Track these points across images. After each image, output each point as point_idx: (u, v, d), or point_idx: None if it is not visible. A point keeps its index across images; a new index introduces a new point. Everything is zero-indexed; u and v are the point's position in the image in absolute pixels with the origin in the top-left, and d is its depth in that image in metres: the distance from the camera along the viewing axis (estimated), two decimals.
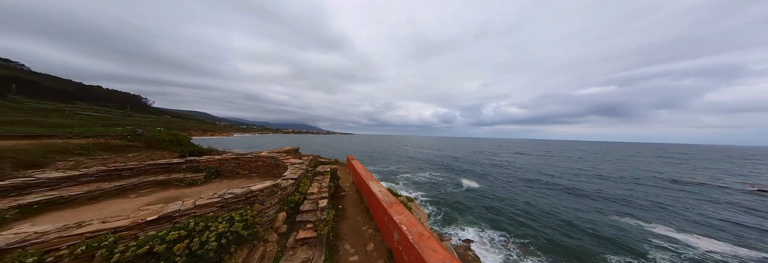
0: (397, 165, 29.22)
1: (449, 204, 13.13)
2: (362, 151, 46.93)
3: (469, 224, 10.32)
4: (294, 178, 3.96)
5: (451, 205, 12.99)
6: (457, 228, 9.76)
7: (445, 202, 13.54)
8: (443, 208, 12.57)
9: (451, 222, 10.54)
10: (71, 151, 6.05)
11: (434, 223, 10.49)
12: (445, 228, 9.84)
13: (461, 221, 10.62)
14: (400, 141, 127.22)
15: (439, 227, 9.95)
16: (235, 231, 2.29)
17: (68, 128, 9.73)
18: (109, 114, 55.75)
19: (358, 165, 8.08)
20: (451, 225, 10.09)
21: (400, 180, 20.50)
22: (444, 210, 12.25)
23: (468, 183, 19.11)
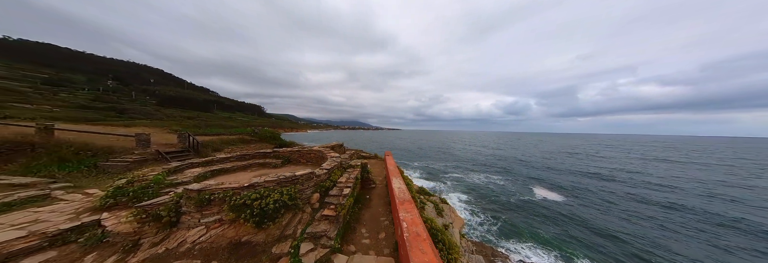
0: (444, 164, 27.43)
1: (510, 216, 11.13)
2: (403, 148, 47.26)
3: (539, 244, 8.27)
4: (328, 169, 5.01)
5: (512, 217, 10.97)
6: (518, 244, 8.14)
7: (503, 211, 11.58)
8: (501, 217, 10.78)
9: (510, 235, 8.92)
10: (230, 143, 10.78)
11: (487, 233, 9.22)
12: (502, 241, 8.45)
13: (525, 236, 8.69)
14: (450, 137, 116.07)
15: (495, 238, 8.66)
16: (284, 201, 3.41)
17: (232, 129, 17.26)
18: (247, 118, 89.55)
19: (390, 161, 8.53)
20: (509, 240, 8.55)
21: (447, 180, 19.17)
22: (502, 220, 10.59)
23: (543, 193, 15.22)
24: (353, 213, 4.66)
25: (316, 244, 2.99)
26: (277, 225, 3.32)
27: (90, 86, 60.84)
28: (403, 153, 36.08)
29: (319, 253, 2.83)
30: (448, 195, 13.77)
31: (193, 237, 2.93)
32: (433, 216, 6.46)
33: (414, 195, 6.59)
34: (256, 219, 3.12)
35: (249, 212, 3.12)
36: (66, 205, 3.51)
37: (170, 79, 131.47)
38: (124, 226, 2.97)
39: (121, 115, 31.48)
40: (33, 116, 16.21)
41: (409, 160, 29.87)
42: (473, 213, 11.46)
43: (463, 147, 49.42)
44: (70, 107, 31.94)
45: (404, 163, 27.38)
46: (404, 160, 29.94)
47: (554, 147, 49.67)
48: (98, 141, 7.06)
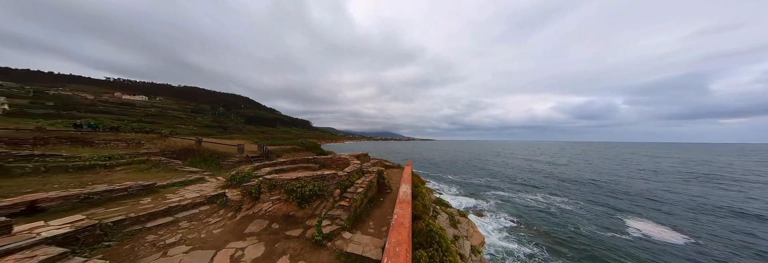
0: (485, 179, 24.63)
1: (580, 254, 8.27)
2: (433, 160, 44.71)
3: None
4: (348, 172, 6.50)
5: (583, 256, 8.13)
6: None
7: (566, 245, 8.71)
8: (565, 253, 8.19)
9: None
10: (286, 151, 14.37)
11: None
12: None
13: None
14: (493, 148, 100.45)
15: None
16: (315, 191, 5.00)
17: (288, 140, 22.64)
18: (299, 132, 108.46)
19: (407, 171, 9.38)
20: None
21: (490, 198, 16.59)
22: (567, 258, 8.07)
23: (642, 227, 10.56)
24: (366, 209, 5.81)
25: (332, 222, 4.30)
26: (310, 206, 4.89)
27: (211, 112, 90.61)
28: (433, 166, 34.47)
29: (333, 228, 4.10)
30: (490, 216, 12.18)
31: (265, 207, 4.81)
32: (443, 225, 6.68)
33: (426, 203, 7.13)
34: (298, 201, 4.78)
35: (294, 195, 4.84)
36: (210, 184, 6.31)
37: (252, 104, 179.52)
38: (235, 197, 5.22)
39: (225, 131, 45.37)
40: (186, 132, 26.31)
41: (442, 173, 28.26)
42: (520, 242, 9.32)
43: (509, 161, 42.43)
44: (201, 126, 49.11)
45: (437, 176, 26.08)
46: (436, 173, 28.54)
47: (667, 164, 34.78)
48: (219, 149, 11.35)
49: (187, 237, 3.63)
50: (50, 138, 8.83)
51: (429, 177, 24.86)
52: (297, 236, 3.94)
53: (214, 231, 3.93)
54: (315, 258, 3.34)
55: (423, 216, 5.97)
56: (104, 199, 4.38)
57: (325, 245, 3.68)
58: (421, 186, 8.89)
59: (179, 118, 61.98)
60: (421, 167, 33.15)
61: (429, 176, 26.12)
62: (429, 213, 6.95)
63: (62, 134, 9.43)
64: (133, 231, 3.58)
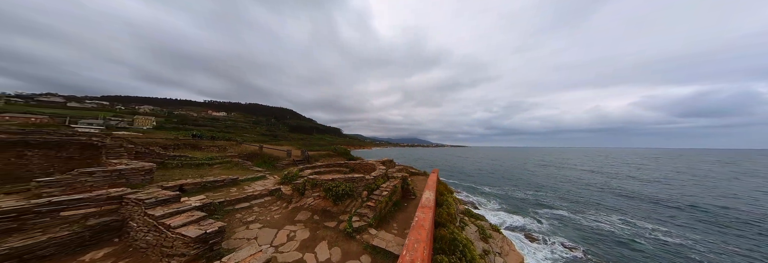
0: (533, 193, 21.21)
1: None
2: (463, 168, 40.68)
3: None
4: (374, 176, 7.18)
5: None
6: None
7: None
8: None
9: None
10: (322, 156, 16.53)
11: None
12: None
13: None
14: (542, 155, 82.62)
15: None
16: (346, 191, 5.84)
17: (324, 146, 25.80)
18: (332, 139, 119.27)
19: (432, 178, 9.42)
20: None
21: (542, 217, 13.71)
22: None
23: None
24: (390, 212, 6.26)
25: (360, 219, 4.95)
26: (343, 204, 5.71)
27: (265, 123, 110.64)
28: (465, 176, 31.53)
29: (361, 223, 4.73)
30: (542, 240, 10.36)
31: (309, 202, 5.91)
32: (471, 238, 6.37)
33: (451, 212, 7.02)
34: (333, 198, 5.69)
35: (330, 193, 5.78)
36: (270, 181, 8.10)
37: (295, 115, 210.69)
38: (287, 192, 6.60)
39: (275, 138, 54.59)
40: (250, 140, 33.28)
41: (476, 184, 25.55)
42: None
43: (567, 172, 34.55)
44: (259, 135, 60.87)
45: (471, 187, 23.64)
46: (469, 183, 25.93)
47: None
48: (274, 153, 14.13)
49: (259, 218, 4.94)
50: (180, 144, 13.16)
51: (460, 188, 22.96)
52: (332, 227, 4.74)
53: (275, 216, 5.16)
54: (347, 246, 4.00)
55: (447, 224, 5.94)
56: (211, 187, 6.39)
57: (355, 237, 4.31)
58: (448, 195, 8.66)
59: (245, 129, 79.19)
60: (450, 176, 30.91)
61: (460, 186, 24.10)
62: (455, 223, 6.75)
63: (186, 142, 13.92)
64: (228, 210, 5.15)
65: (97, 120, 49.55)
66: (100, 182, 4.46)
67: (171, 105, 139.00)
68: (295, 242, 4.04)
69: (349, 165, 10.81)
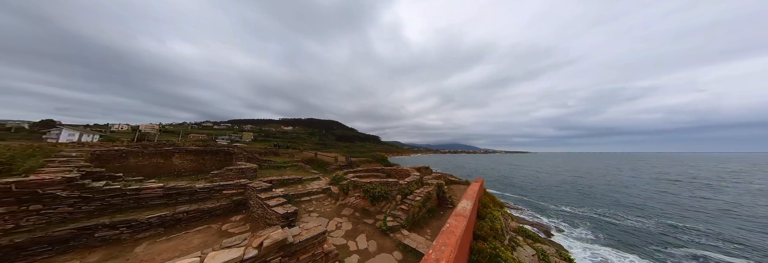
0: (657, 221, 14.70)
1: None
2: (517, 179, 32.38)
3: None
4: (407, 181, 7.59)
5: None
6: None
7: None
8: None
9: None
10: (362, 162, 18.30)
11: None
12: None
13: None
14: (675, 165, 50.76)
15: None
16: (382, 193, 6.55)
17: (363, 153, 28.28)
18: (371, 146, 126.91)
19: (473, 187, 8.80)
20: None
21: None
22: None
23: None
24: (425, 218, 6.42)
25: (394, 219, 5.45)
26: (379, 205, 6.41)
27: (318, 134, 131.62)
28: (525, 189, 25.37)
29: (394, 224, 5.22)
30: None
31: (351, 200, 6.98)
32: (524, 261, 5.46)
33: (496, 226, 6.38)
34: (371, 199, 6.51)
35: (368, 194, 6.64)
36: (323, 181, 10.01)
37: (340, 126, 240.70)
38: (335, 191, 8.03)
39: (325, 146, 64.15)
40: (308, 148, 41.07)
41: (548, 201, 19.96)
42: None
43: (741, 199, 21.06)
44: (314, 144, 73.42)
45: (537, 205, 18.70)
46: (535, 199, 20.41)
47: None
48: (325, 159, 17.08)
49: (316, 209, 6.36)
50: (267, 152, 18.32)
51: (522, 204, 18.68)
52: (370, 224, 5.47)
53: (326, 209, 6.47)
54: (381, 241, 4.58)
55: (489, 238, 5.46)
56: (287, 183, 8.70)
57: (389, 235, 4.84)
58: (493, 208, 7.71)
59: (304, 139, 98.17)
60: (503, 188, 25.77)
61: (521, 202, 19.62)
62: (502, 241, 5.98)
63: (270, 150, 19.22)
64: (296, 201, 6.92)
65: (226, 136, 75.32)
66: (234, 175, 7.23)
67: (260, 123, 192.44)
68: (341, 231, 5.01)
69: (385, 170, 11.63)
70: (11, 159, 4.59)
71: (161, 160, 8.77)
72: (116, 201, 4.12)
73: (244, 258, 2.03)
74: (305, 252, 2.63)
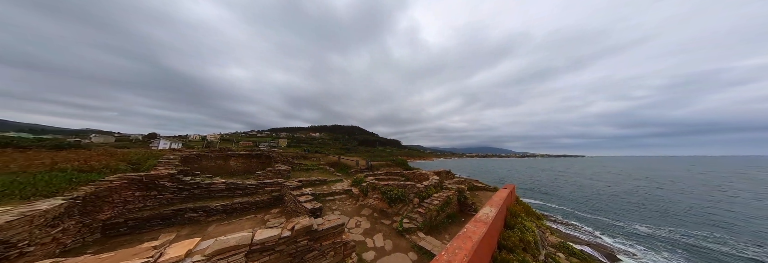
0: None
1: None
2: (564, 188, 26.73)
3: None
4: (425, 185, 7.57)
5: None
6: None
7: None
8: None
9: None
10: (382, 166, 18.75)
11: None
12: None
13: None
14: None
15: None
16: (398, 195, 6.73)
17: (384, 157, 28.83)
18: (392, 150, 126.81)
19: (499, 194, 8.22)
20: None
21: None
22: None
23: None
24: (443, 224, 6.30)
25: (411, 222, 5.55)
26: (396, 207, 6.60)
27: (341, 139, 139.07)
28: (577, 203, 20.94)
29: (411, 226, 5.32)
30: None
31: (370, 201, 7.35)
32: None
33: (528, 238, 5.82)
34: (388, 201, 6.75)
35: (386, 196, 6.91)
36: (345, 183, 10.75)
37: (361, 131, 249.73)
38: (356, 192, 8.56)
39: (348, 151, 67.20)
40: (332, 153, 44.09)
41: (617, 219, 15.90)
42: None
43: None
44: (337, 148, 77.94)
45: (594, 219, 15.05)
46: (591, 213, 16.47)
47: None
48: (347, 162, 18.16)
49: (339, 208, 6.94)
50: (298, 156, 20.63)
51: (573, 218, 15.55)
52: (387, 224, 5.69)
53: (348, 209, 6.99)
54: (397, 241, 4.75)
55: (517, 250, 4.99)
56: (314, 183, 9.70)
57: (405, 236, 4.97)
58: (525, 218, 6.92)
59: (329, 144, 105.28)
60: (545, 198, 22.03)
61: (572, 216, 16.41)
62: (536, 256, 5.34)
63: (301, 154, 21.59)
64: (321, 199, 7.67)
65: (266, 143, 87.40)
66: (273, 175, 8.54)
67: (292, 131, 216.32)
68: (360, 229, 5.38)
69: (404, 174, 11.71)
70: (139, 160, 6.66)
71: (222, 162, 11.02)
72: (196, 191, 5.51)
73: (281, 236, 2.60)
74: (326, 240, 3.09)
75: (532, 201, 19.18)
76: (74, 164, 5.40)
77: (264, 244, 2.43)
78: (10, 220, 2.47)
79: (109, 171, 5.36)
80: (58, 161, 5.70)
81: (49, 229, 2.93)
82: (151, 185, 4.78)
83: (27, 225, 2.64)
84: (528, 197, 22.08)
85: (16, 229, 2.47)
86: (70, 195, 3.49)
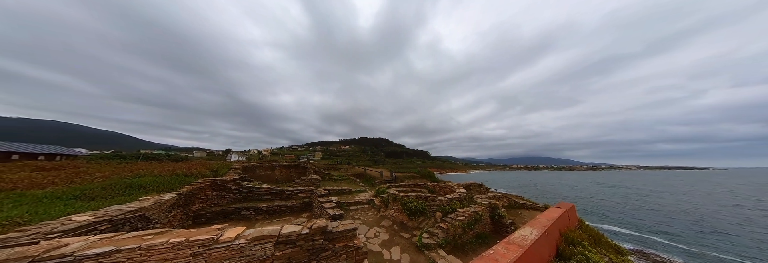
0: None
1: None
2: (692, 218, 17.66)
3: None
4: (449, 198, 7.04)
5: None
6: None
7: None
8: None
9: None
10: (408, 177, 18.24)
11: None
12: None
13: None
14: None
15: None
16: (419, 208, 6.48)
17: (410, 169, 28.03)
18: (421, 161, 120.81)
19: (548, 214, 6.90)
20: None
21: None
22: None
23: None
24: (471, 244, 5.63)
25: (431, 237, 5.21)
26: (417, 220, 6.32)
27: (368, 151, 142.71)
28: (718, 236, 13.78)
29: (430, 241, 4.99)
30: None
31: (391, 213, 7.27)
32: None
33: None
34: (408, 213, 6.56)
35: (405, 208, 6.75)
36: (368, 193, 10.98)
37: (388, 143, 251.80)
38: (378, 203, 8.64)
39: (375, 163, 68.06)
40: (359, 165, 45.79)
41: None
42: None
43: None
44: (365, 160, 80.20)
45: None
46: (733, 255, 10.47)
47: None
48: (372, 174, 18.56)
49: (360, 217, 7.14)
50: (329, 167, 22.52)
51: (689, 258, 10.20)
52: (407, 237, 5.49)
53: (369, 219, 7.10)
54: (415, 256, 4.52)
55: None
56: (340, 193, 10.36)
57: (423, 252, 4.68)
58: (592, 250, 5.31)
59: (358, 156, 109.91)
60: (639, 226, 15.55)
61: (689, 255, 10.95)
62: None
63: (332, 166, 23.54)
64: (345, 209, 8.07)
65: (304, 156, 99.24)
66: (306, 183, 9.70)
67: (326, 144, 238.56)
68: (379, 239, 5.38)
69: (428, 186, 11.12)
70: (218, 169, 8.93)
71: (269, 172, 13.27)
72: (250, 194, 6.89)
73: (301, 232, 3.08)
74: (340, 242, 3.37)
75: (618, 229, 14.17)
76: (183, 171, 7.81)
77: (288, 237, 2.95)
78: (151, 204, 3.89)
79: (201, 176, 7.44)
80: (176, 169, 8.35)
81: (166, 214, 4.35)
82: (223, 187, 6.36)
83: (158, 209, 4.05)
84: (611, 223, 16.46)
85: (153, 210, 3.86)
86: (180, 191, 5.13)
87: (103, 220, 2.94)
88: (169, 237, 2.42)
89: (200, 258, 2.38)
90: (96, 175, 6.47)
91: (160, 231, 2.65)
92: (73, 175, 6.33)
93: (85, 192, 4.75)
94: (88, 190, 4.85)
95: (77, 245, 2.05)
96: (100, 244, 2.12)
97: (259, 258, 2.68)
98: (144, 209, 3.64)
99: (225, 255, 2.51)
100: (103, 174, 6.62)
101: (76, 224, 2.64)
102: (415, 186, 11.62)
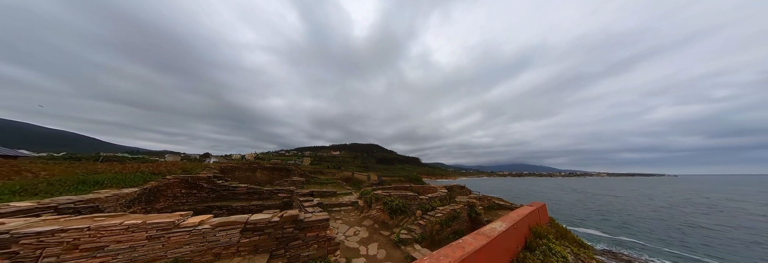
0: None
1: None
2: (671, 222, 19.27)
3: None
4: (429, 197, 7.21)
5: None
6: None
7: None
8: None
9: None
10: (396, 181, 18.17)
11: None
12: None
13: None
14: None
15: None
16: (400, 206, 6.51)
17: (399, 174, 28.14)
18: (411, 168, 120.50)
19: (520, 211, 7.24)
20: None
21: None
22: None
23: None
24: (448, 240, 5.71)
25: (409, 233, 5.24)
26: (397, 218, 6.33)
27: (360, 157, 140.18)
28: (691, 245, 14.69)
29: (408, 237, 5.02)
30: None
31: (373, 213, 7.20)
32: None
33: (550, 262, 4.79)
34: (389, 212, 6.56)
35: (387, 207, 6.76)
36: (353, 196, 10.75)
37: (379, 149, 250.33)
38: (362, 204, 8.51)
39: (366, 169, 66.79)
40: (350, 170, 44.73)
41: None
42: None
43: None
44: (355, 166, 78.43)
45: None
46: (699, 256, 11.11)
47: None
48: (360, 178, 18.25)
49: (342, 218, 6.97)
50: (316, 171, 21.79)
51: (662, 257, 10.87)
52: (386, 235, 5.46)
53: (351, 219, 6.95)
54: (391, 251, 4.51)
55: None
56: (324, 195, 10.06)
57: (400, 247, 4.69)
58: (556, 242, 5.64)
59: (349, 162, 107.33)
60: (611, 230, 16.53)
61: (662, 255, 11.67)
62: None
63: (320, 170, 22.79)
64: (328, 210, 7.85)
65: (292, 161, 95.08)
66: (288, 184, 9.35)
67: (315, 149, 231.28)
68: (357, 237, 5.29)
69: (413, 188, 11.20)
70: (191, 169, 8.40)
71: (250, 173, 12.61)
72: (224, 193, 6.52)
73: (271, 220, 3.04)
74: (311, 231, 3.35)
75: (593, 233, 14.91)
76: (151, 169, 7.24)
77: (256, 225, 2.90)
78: (108, 196, 3.60)
79: (170, 174, 6.95)
80: (141, 167, 7.73)
81: (125, 209, 4.01)
82: (194, 185, 5.99)
83: (114, 203, 3.74)
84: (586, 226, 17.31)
85: (110, 203, 3.57)
86: (144, 187, 4.77)
87: (47, 207, 2.70)
88: (125, 219, 2.31)
89: (157, 241, 2.28)
90: (41, 174, 5.79)
91: (115, 214, 2.51)
92: (12, 173, 5.62)
93: (26, 187, 4.25)
94: (30, 186, 4.34)
95: (16, 224, 1.91)
96: (42, 224, 1.98)
97: (223, 245, 2.61)
98: (98, 200, 3.38)
99: (185, 239, 2.43)
100: (49, 173, 5.94)
101: (15, 209, 2.42)
102: (400, 189, 11.63)
